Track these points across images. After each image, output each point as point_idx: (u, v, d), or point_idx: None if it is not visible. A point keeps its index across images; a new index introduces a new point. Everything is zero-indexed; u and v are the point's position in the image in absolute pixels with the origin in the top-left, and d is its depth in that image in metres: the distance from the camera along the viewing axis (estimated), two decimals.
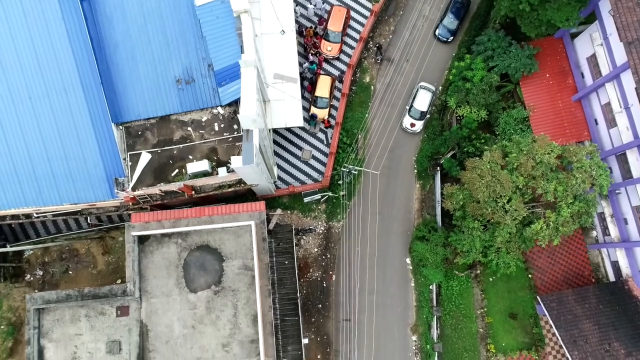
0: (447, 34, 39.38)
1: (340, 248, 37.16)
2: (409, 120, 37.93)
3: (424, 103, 37.72)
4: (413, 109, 37.85)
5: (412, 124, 37.92)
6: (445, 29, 39.37)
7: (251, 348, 29.16)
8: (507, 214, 28.71)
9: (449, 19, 39.26)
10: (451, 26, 39.26)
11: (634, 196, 32.06)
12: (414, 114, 37.84)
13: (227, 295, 29.71)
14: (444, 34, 39.44)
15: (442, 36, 39.50)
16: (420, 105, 37.73)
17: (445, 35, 39.45)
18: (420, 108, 37.72)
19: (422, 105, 37.73)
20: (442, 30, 39.44)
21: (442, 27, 39.43)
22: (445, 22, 39.32)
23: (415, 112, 37.81)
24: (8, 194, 29.41)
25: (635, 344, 30.63)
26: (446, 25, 39.31)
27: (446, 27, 39.34)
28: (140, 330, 29.19)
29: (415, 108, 37.79)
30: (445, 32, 39.42)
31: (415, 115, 37.83)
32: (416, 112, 37.78)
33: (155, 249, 30.21)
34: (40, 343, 28.96)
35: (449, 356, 35.62)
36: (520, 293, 36.51)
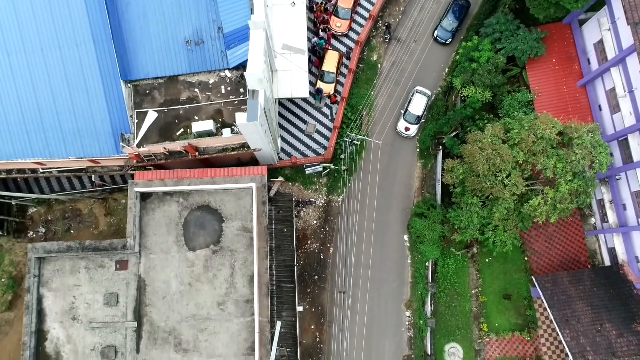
0: (446, 35, 39.24)
1: (339, 222, 37.52)
2: (404, 125, 37.82)
3: (419, 108, 37.59)
4: (408, 114, 37.75)
5: (406, 128, 37.81)
6: (445, 31, 39.24)
7: (246, 308, 29.55)
8: (505, 189, 28.98)
9: (448, 20, 39.15)
10: (450, 28, 39.10)
11: (634, 181, 32.22)
12: (409, 119, 37.71)
13: (225, 256, 30.12)
14: (443, 35, 39.31)
15: (441, 38, 39.37)
16: (415, 109, 37.61)
17: (445, 37, 39.31)
18: (416, 112, 37.60)
19: (417, 109, 37.60)
20: (441, 32, 39.33)
21: (441, 29, 39.32)
22: (444, 23, 39.21)
23: (410, 116, 37.70)
24: (16, 145, 29.91)
25: (628, 326, 30.80)
26: (445, 27, 39.19)
27: (445, 29, 39.20)
28: (138, 285, 29.65)
29: (410, 112, 37.69)
30: (444, 34, 39.28)
31: (410, 120, 37.74)
32: (411, 117, 37.67)
33: (157, 207, 30.67)
34: (40, 292, 29.46)
35: (441, 333, 35.89)
36: (516, 275, 36.75)
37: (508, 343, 35.70)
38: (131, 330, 29.09)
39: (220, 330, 29.23)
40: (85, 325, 29.12)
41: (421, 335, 35.60)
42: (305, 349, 35.74)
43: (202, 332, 29.17)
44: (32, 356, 28.60)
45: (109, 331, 29.11)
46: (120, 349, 28.92)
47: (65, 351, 28.90)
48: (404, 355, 35.73)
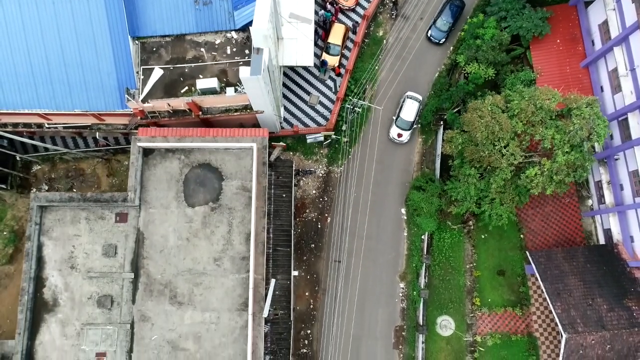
0: (440, 35, 39.19)
1: (337, 192, 37.90)
2: (396, 131, 37.55)
3: (410, 113, 37.34)
4: (400, 119, 37.49)
5: (399, 134, 37.53)
6: (438, 31, 39.16)
7: (242, 264, 29.98)
8: (503, 158, 29.30)
9: (442, 20, 39.11)
10: (444, 28, 39.05)
11: (632, 161, 32.42)
12: (401, 124, 37.43)
13: (223, 213, 30.56)
14: (436, 35, 39.26)
15: (435, 38, 39.31)
16: (407, 115, 37.34)
17: (438, 37, 39.27)
18: (407, 118, 37.35)
19: (409, 115, 37.35)
20: (434, 31, 39.28)
21: (435, 29, 39.26)
22: (438, 23, 39.15)
23: (402, 122, 37.43)
24: (24, 95, 30.46)
25: (618, 302, 31.02)
26: (439, 27, 39.12)
27: (439, 29, 39.12)
28: (137, 237, 30.14)
29: (402, 118, 37.42)
30: (438, 34, 39.22)
31: (402, 126, 37.43)
32: (403, 122, 37.42)
33: (158, 163, 31.13)
34: (40, 240, 29.98)
35: (434, 305, 36.21)
36: (511, 253, 37.02)
37: (500, 318, 35.98)
38: (128, 281, 29.59)
39: (215, 285, 29.68)
40: (83, 274, 29.62)
41: (414, 306, 35.93)
42: (299, 315, 36.14)
43: (197, 286, 29.62)
44: (30, 301, 29.14)
45: (106, 281, 29.61)
46: (116, 299, 29.41)
47: (63, 298, 29.41)
48: (396, 326, 36.08)
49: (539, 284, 35.60)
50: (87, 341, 28.85)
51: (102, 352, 28.78)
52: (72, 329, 29.07)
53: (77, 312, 29.21)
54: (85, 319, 29.16)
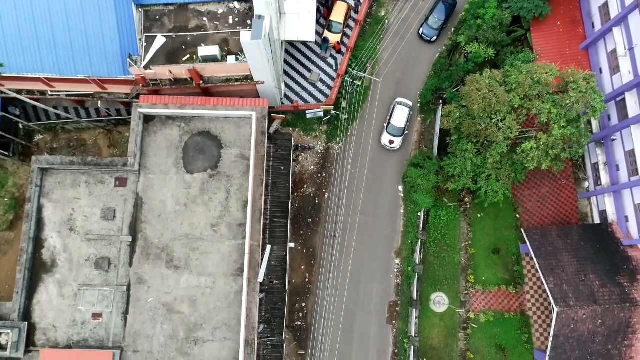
0: (431, 33, 39.19)
1: (336, 168, 38.20)
2: (388, 138, 37.44)
3: (401, 119, 37.19)
4: (391, 126, 37.34)
5: (390, 141, 37.42)
6: (430, 29, 39.12)
7: (238, 231, 30.32)
8: (499, 132, 29.57)
9: (433, 18, 39.06)
10: (436, 26, 39.01)
11: (628, 141, 32.65)
12: (392, 131, 37.33)
13: (221, 180, 30.90)
14: (428, 33, 39.24)
15: (427, 35, 39.29)
16: (397, 121, 37.20)
17: (430, 35, 39.27)
18: (398, 125, 37.21)
19: (399, 121, 37.21)
20: (426, 29, 39.26)
21: (427, 27, 39.23)
22: (430, 21, 39.12)
23: (393, 129, 37.30)
24: (27, 59, 30.82)
25: (611, 278, 31.26)
26: (431, 25, 39.09)
27: (431, 27, 39.07)
28: (135, 202, 30.51)
29: (392, 125, 37.30)
30: (429, 32, 39.21)
31: (393, 132, 37.33)
32: (394, 129, 37.28)
33: (158, 130, 31.50)
34: (40, 202, 30.36)
35: (428, 281, 36.48)
36: (506, 232, 37.28)
37: (494, 296, 36.24)
38: (125, 244, 29.96)
39: (212, 250, 30.03)
40: (81, 237, 30.01)
41: (408, 282, 36.22)
42: (294, 288, 36.48)
43: (193, 251, 29.98)
44: (29, 261, 29.54)
45: (104, 243, 29.99)
46: (113, 261, 29.78)
47: (61, 259, 29.80)
48: (390, 301, 36.38)
49: (534, 264, 35.89)
50: (83, 302, 29.24)
51: (99, 313, 29.16)
52: (70, 289, 29.46)
53: (75, 273, 29.60)
54: (82, 280, 29.55)
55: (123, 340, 28.90)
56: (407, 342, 35.12)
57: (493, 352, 35.38)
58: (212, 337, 29.05)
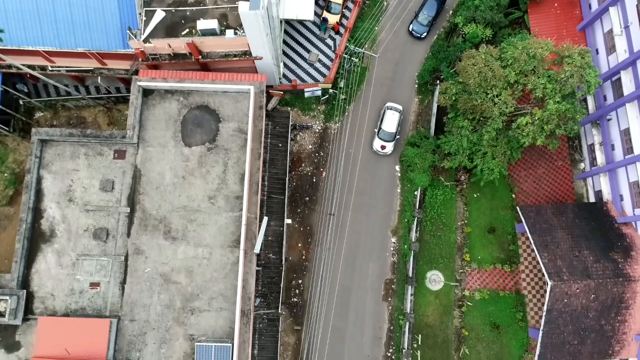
0: (421, 29, 39.27)
1: (333, 148, 38.47)
2: (379, 143, 37.33)
3: (392, 124, 37.13)
4: (382, 131, 37.26)
5: (382, 147, 37.35)
6: (420, 25, 39.22)
7: (235, 203, 30.59)
8: (495, 107, 29.82)
9: (423, 14, 39.16)
10: (426, 22, 39.10)
11: (623, 119, 32.90)
12: (384, 136, 37.23)
13: (219, 153, 31.18)
14: (418, 29, 39.32)
15: (416, 32, 39.38)
16: (388, 126, 37.14)
17: (420, 31, 39.36)
18: (389, 129, 37.13)
19: (390, 126, 37.14)
20: (416, 26, 39.36)
21: (417, 23, 39.34)
22: (419, 17, 39.24)
23: (384, 134, 37.20)
24: (28, 32, 31.16)
25: (605, 254, 31.50)
26: (421, 21, 39.20)
27: (421, 23, 39.19)
28: (134, 174, 30.79)
29: (383, 130, 37.21)
30: (419, 28, 39.30)
31: (384, 137, 37.23)
32: (385, 134, 37.18)
33: (157, 103, 31.79)
34: (40, 173, 30.64)
35: (424, 259, 36.73)
36: (502, 212, 37.53)
37: (489, 275, 36.49)
38: (124, 215, 30.26)
39: (209, 222, 30.30)
40: (80, 207, 30.29)
41: (404, 259, 36.48)
42: (291, 265, 36.73)
43: (191, 223, 30.26)
44: (28, 231, 29.83)
45: (102, 214, 30.28)
46: (111, 232, 30.06)
47: (60, 229, 30.08)
48: (386, 279, 36.64)
49: (529, 243, 36.17)
50: (81, 271, 29.54)
51: (96, 282, 29.45)
52: (68, 259, 29.75)
53: (73, 243, 29.89)
54: (80, 250, 29.84)
55: (120, 309, 29.19)
56: (403, 319, 35.38)
57: (488, 329, 35.62)
58: (209, 306, 29.33)
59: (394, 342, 35.59)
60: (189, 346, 28.86)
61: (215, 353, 27.66)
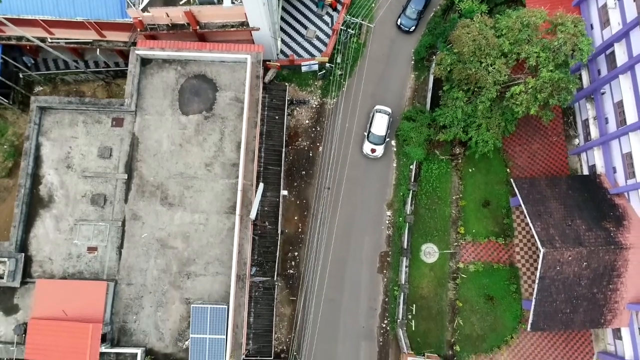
0: (409, 23, 39.36)
1: (330, 123, 38.79)
2: (369, 146, 37.22)
3: (381, 127, 36.98)
4: (371, 135, 37.09)
5: (372, 150, 37.21)
6: (408, 19, 39.29)
7: (232, 170, 30.93)
8: (489, 75, 30.15)
9: (411, 8, 39.25)
10: (413, 16, 39.16)
11: (617, 91, 33.18)
12: (373, 139, 37.05)
13: (216, 122, 31.53)
14: (406, 23, 39.41)
15: (405, 26, 39.49)
16: (377, 129, 36.99)
17: (408, 25, 39.45)
18: (378, 133, 36.98)
19: (379, 129, 36.99)
20: (404, 19, 39.43)
21: (404, 17, 39.40)
22: (407, 11, 39.34)
23: (374, 137, 37.05)
24: (28, 1, 31.52)
25: (597, 223, 31.79)
26: (409, 15, 39.27)
27: (409, 17, 39.25)
28: (132, 141, 31.15)
29: (373, 133, 37.05)
30: (407, 22, 39.38)
31: (374, 141, 37.06)
32: (375, 137, 37.04)
33: (155, 72, 32.13)
34: (39, 140, 31.02)
35: (419, 232, 37.04)
36: (497, 187, 37.79)
37: (483, 248, 36.78)
38: (121, 182, 30.61)
39: (205, 189, 30.65)
40: (78, 174, 30.65)
41: (399, 232, 36.79)
42: (287, 238, 37.06)
43: (187, 189, 30.61)
44: (27, 196, 30.20)
45: (100, 181, 30.64)
46: (109, 198, 30.43)
47: (58, 195, 30.44)
48: (381, 251, 36.96)
49: (523, 217, 36.50)
50: (79, 236, 29.90)
51: (94, 247, 29.81)
52: (66, 224, 30.11)
53: (71, 208, 30.25)
54: (78, 215, 30.20)
55: (117, 273, 29.56)
56: (397, 290, 35.71)
57: (482, 301, 35.93)
58: (205, 271, 29.68)
59: (389, 313, 35.92)
60: (185, 309, 29.23)
61: (210, 314, 27.99)
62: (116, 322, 29.03)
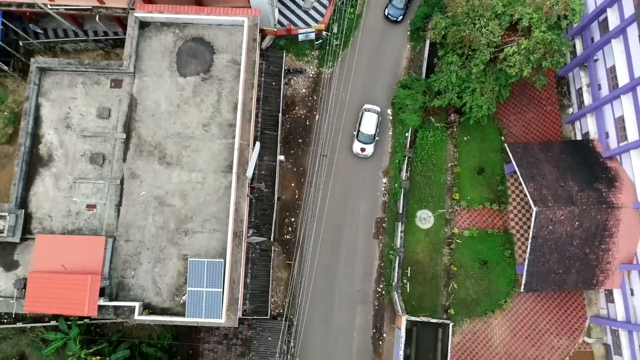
0: (397, 13, 39.46)
1: (326, 92, 39.19)
2: (359, 146, 37.19)
3: (370, 126, 37.00)
4: (361, 134, 37.09)
5: (362, 149, 37.21)
6: (395, 8, 39.40)
7: (228, 131, 31.34)
8: (482, 37, 30.58)
9: None
10: (401, 5, 39.28)
11: (609, 57, 33.61)
12: (363, 139, 37.06)
13: (213, 83, 31.94)
14: (394, 13, 39.54)
15: (392, 16, 39.61)
16: (367, 128, 36.98)
17: (395, 15, 39.58)
18: (368, 132, 36.98)
19: (369, 128, 37.00)
20: (391, 9, 39.58)
21: (392, 7, 39.52)
22: (394, 1, 39.42)
23: (363, 136, 37.08)
24: None
25: (589, 184, 32.21)
26: (396, 5, 39.38)
27: (396, 7, 39.35)
28: (130, 102, 31.56)
29: (362, 132, 37.04)
30: (395, 11, 39.50)
31: (364, 140, 37.06)
32: (364, 137, 37.06)
33: (153, 35, 32.54)
34: (38, 100, 31.42)
35: (414, 199, 37.45)
36: (492, 155, 38.23)
37: (478, 214, 37.20)
38: (120, 141, 31.03)
39: (203, 149, 31.06)
40: (77, 133, 31.06)
41: (395, 198, 37.23)
42: (284, 204, 37.50)
43: (185, 149, 31.02)
44: (26, 154, 30.61)
45: (99, 140, 31.05)
46: (108, 157, 30.84)
47: (57, 154, 30.85)
48: (377, 217, 37.39)
49: (517, 185, 36.96)
50: (78, 194, 30.31)
51: (92, 204, 30.22)
52: (65, 182, 30.52)
53: (70, 167, 30.66)
54: (77, 173, 30.60)
55: (116, 230, 29.97)
56: (393, 254, 36.13)
57: (476, 266, 36.36)
58: (202, 228, 30.10)
59: (385, 277, 36.35)
60: (183, 265, 29.66)
61: (207, 268, 28.42)
62: (115, 277, 29.46)
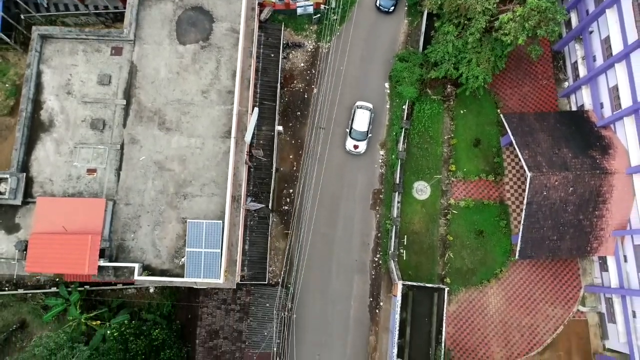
0: (388, 3, 39.68)
1: (324, 66, 39.56)
2: (352, 143, 37.12)
3: (363, 123, 36.97)
4: (354, 131, 37.05)
5: (355, 146, 37.15)
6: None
7: (227, 97, 31.74)
8: (477, 3, 30.98)
9: None
10: None
11: (604, 27, 34.00)
12: (356, 136, 37.03)
13: (212, 51, 32.34)
14: (385, 4, 39.81)
15: (384, 6, 39.87)
16: (359, 125, 36.96)
17: (387, 5, 39.80)
18: (360, 129, 36.93)
19: (361, 125, 36.96)
20: (383, 0, 39.80)
21: None
22: None
23: (356, 133, 37.03)
24: None
25: (583, 152, 32.61)
26: None
27: None
28: (130, 69, 31.97)
29: (355, 129, 37.02)
30: (386, 2, 39.73)
31: (357, 137, 37.01)
32: (357, 134, 37.01)
33: (153, 4, 32.92)
34: (40, 67, 31.84)
35: (411, 171, 37.84)
36: (488, 127, 38.63)
37: (474, 185, 37.60)
38: (120, 107, 31.44)
39: (202, 115, 31.48)
40: (78, 100, 31.48)
41: (392, 170, 37.61)
42: (282, 175, 37.89)
43: (184, 115, 31.43)
44: (28, 119, 31.04)
45: (99, 106, 31.46)
46: (108, 122, 31.25)
47: (58, 120, 31.27)
48: (374, 189, 37.79)
49: (513, 157, 37.37)
50: (79, 158, 30.73)
51: (93, 169, 30.63)
52: (66, 147, 30.94)
53: (71, 132, 31.08)
54: (78, 139, 31.03)
55: (116, 194, 30.39)
56: (390, 223, 36.54)
57: (472, 236, 36.75)
58: (201, 192, 30.51)
59: (382, 247, 36.76)
60: (182, 228, 30.06)
61: (206, 229, 28.82)
62: (115, 240, 29.86)
